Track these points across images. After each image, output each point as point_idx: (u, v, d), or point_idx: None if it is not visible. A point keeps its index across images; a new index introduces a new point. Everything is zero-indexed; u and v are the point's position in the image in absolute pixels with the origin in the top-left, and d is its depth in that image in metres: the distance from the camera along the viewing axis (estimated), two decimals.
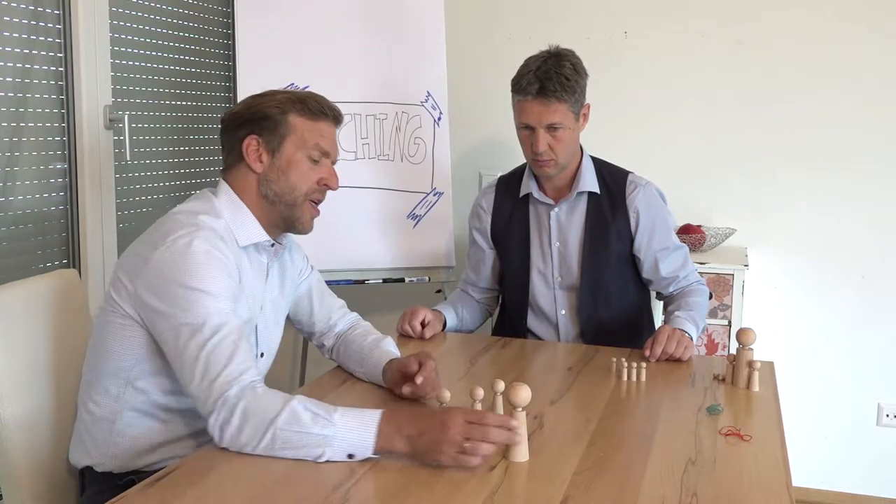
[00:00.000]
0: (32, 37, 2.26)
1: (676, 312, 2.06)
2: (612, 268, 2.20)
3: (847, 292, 2.99)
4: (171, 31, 2.76)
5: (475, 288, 2.39)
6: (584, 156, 2.21)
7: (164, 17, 2.73)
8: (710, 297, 2.46)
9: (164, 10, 2.73)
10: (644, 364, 1.80)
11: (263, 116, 1.58)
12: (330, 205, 1.72)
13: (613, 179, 2.21)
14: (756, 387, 1.72)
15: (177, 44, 2.80)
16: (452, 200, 2.94)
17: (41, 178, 2.32)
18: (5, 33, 2.18)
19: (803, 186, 2.99)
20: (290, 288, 1.76)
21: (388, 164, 2.87)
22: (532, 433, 1.45)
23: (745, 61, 2.99)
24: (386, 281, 2.88)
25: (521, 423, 1.34)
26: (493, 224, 2.30)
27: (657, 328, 2.01)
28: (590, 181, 2.18)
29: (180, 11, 2.80)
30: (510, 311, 2.33)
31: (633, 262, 2.24)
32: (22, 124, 2.25)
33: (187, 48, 2.85)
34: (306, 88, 2.75)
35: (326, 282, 1.90)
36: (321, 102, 1.62)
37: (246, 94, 2.72)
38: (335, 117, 1.64)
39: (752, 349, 1.75)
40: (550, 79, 2.01)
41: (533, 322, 2.28)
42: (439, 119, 2.92)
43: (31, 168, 2.29)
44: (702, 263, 2.69)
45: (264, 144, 1.58)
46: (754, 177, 3.03)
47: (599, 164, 2.23)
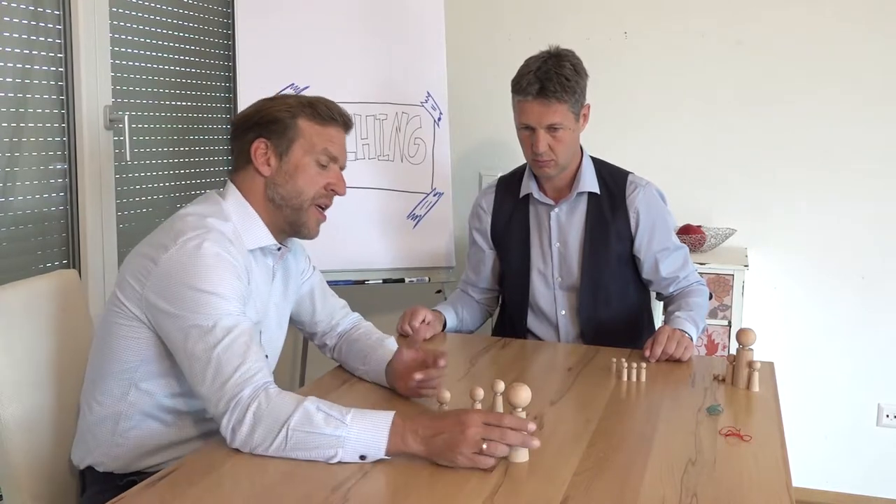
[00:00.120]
0: (32, 37, 2.26)
1: (676, 313, 2.07)
2: (612, 268, 2.20)
3: (847, 292, 2.99)
4: (171, 31, 2.76)
5: (475, 288, 2.39)
6: (584, 156, 2.21)
7: (164, 18, 2.73)
8: (710, 297, 2.46)
9: (164, 10, 2.73)
10: (644, 364, 1.80)
11: (273, 120, 1.58)
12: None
13: (613, 180, 2.21)
14: (756, 387, 1.72)
15: (177, 44, 2.80)
16: (452, 201, 2.95)
17: (41, 178, 2.32)
18: (5, 33, 2.18)
19: (803, 186, 2.99)
20: (293, 290, 1.77)
21: (388, 165, 2.87)
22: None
23: (745, 61, 2.99)
24: (386, 281, 2.88)
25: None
26: (494, 224, 2.30)
27: (657, 328, 2.01)
28: (590, 181, 2.18)
29: (180, 11, 2.80)
30: (510, 312, 2.33)
31: (633, 263, 2.24)
32: (22, 124, 2.25)
33: (187, 48, 2.85)
34: (306, 89, 2.77)
35: (326, 282, 1.90)
36: (331, 107, 1.62)
37: (246, 93, 2.78)
38: (345, 123, 1.64)
39: (752, 349, 1.75)
40: (551, 79, 2.01)
41: (533, 322, 2.28)
42: (439, 119, 2.92)
43: (32, 168, 2.29)
44: (702, 264, 2.69)
45: (273, 148, 1.58)
46: (754, 177, 3.03)
47: (599, 165, 2.23)
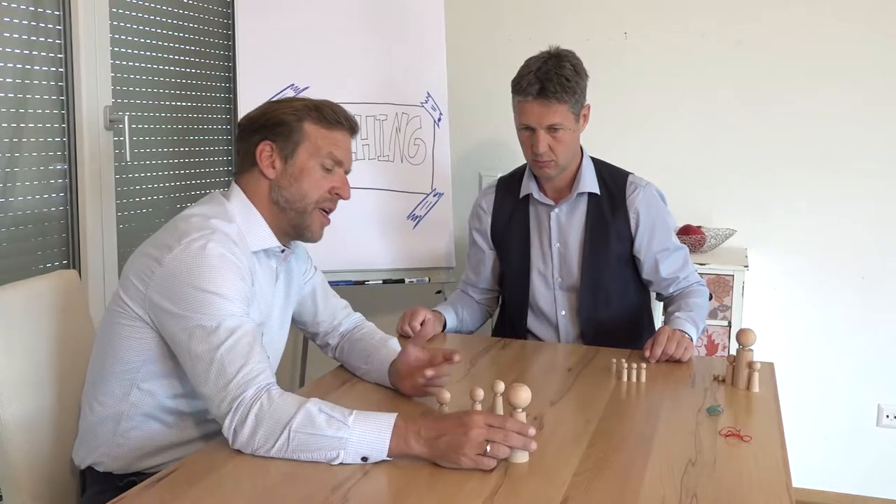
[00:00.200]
0: (32, 37, 2.26)
1: (676, 313, 2.07)
2: (612, 268, 2.20)
3: (847, 293, 2.99)
4: (171, 31, 2.77)
5: (475, 289, 2.39)
6: (584, 157, 2.21)
7: (163, 18, 2.73)
8: (710, 297, 2.46)
9: (164, 10, 2.73)
10: (644, 365, 1.80)
11: (278, 122, 1.58)
12: None
13: (613, 180, 2.21)
14: (756, 387, 1.72)
15: (177, 44, 2.80)
16: (452, 201, 2.95)
17: (41, 178, 2.32)
18: (5, 33, 2.18)
19: (803, 186, 2.99)
20: (295, 291, 1.77)
21: (388, 165, 2.87)
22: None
23: (745, 61, 2.99)
24: (386, 282, 2.88)
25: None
26: (494, 225, 2.30)
27: (657, 329, 2.00)
28: (590, 182, 2.18)
29: (180, 12, 2.80)
30: (510, 312, 2.33)
31: (633, 263, 2.24)
32: (22, 125, 2.25)
33: (187, 48, 2.85)
34: (306, 89, 2.77)
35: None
36: (337, 111, 1.62)
37: (246, 94, 2.78)
38: (351, 127, 1.64)
39: (752, 350, 1.75)
40: (551, 80, 2.01)
41: (533, 323, 2.28)
42: (439, 120, 2.92)
43: (32, 169, 2.29)
44: (702, 264, 2.69)
45: (278, 151, 1.58)
46: (754, 177, 3.03)
47: (599, 165, 2.23)
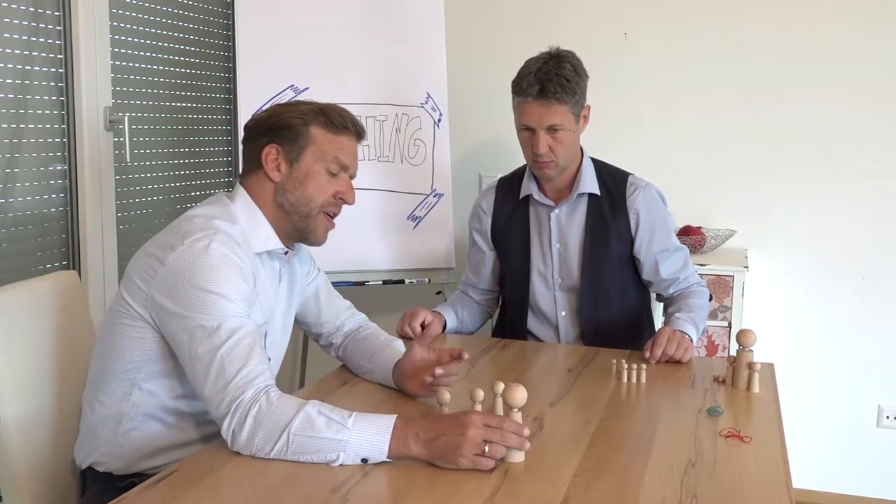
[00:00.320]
0: (32, 38, 2.26)
1: (676, 314, 2.06)
2: (612, 269, 2.20)
3: (847, 293, 2.99)
4: (171, 31, 2.77)
5: (475, 289, 2.39)
6: (584, 157, 2.20)
7: (163, 18, 2.73)
8: (711, 298, 2.46)
9: (164, 10, 2.73)
10: (644, 366, 1.79)
11: (285, 126, 1.58)
12: None
13: (613, 181, 2.21)
14: (756, 388, 1.72)
15: (177, 44, 2.80)
16: (452, 202, 2.94)
17: (41, 179, 2.32)
18: (5, 34, 2.18)
19: (803, 186, 2.99)
20: (298, 293, 1.77)
21: (388, 166, 2.87)
22: (532, 434, 1.45)
23: (745, 61, 2.99)
24: (386, 282, 2.88)
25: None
26: (494, 225, 2.30)
27: (657, 330, 2.00)
28: (590, 183, 2.18)
29: (180, 12, 2.80)
30: (510, 313, 2.33)
31: (634, 264, 2.24)
32: (22, 126, 2.25)
33: (187, 49, 2.85)
34: (306, 90, 2.77)
35: None
36: (344, 116, 1.62)
37: (246, 94, 2.78)
38: (357, 132, 1.64)
39: (752, 351, 1.75)
40: (551, 80, 2.01)
41: (533, 323, 2.28)
42: (439, 121, 2.92)
43: (32, 169, 2.29)
44: (702, 265, 2.69)
45: (284, 154, 1.58)
46: (754, 177, 3.03)
47: (599, 166, 2.23)
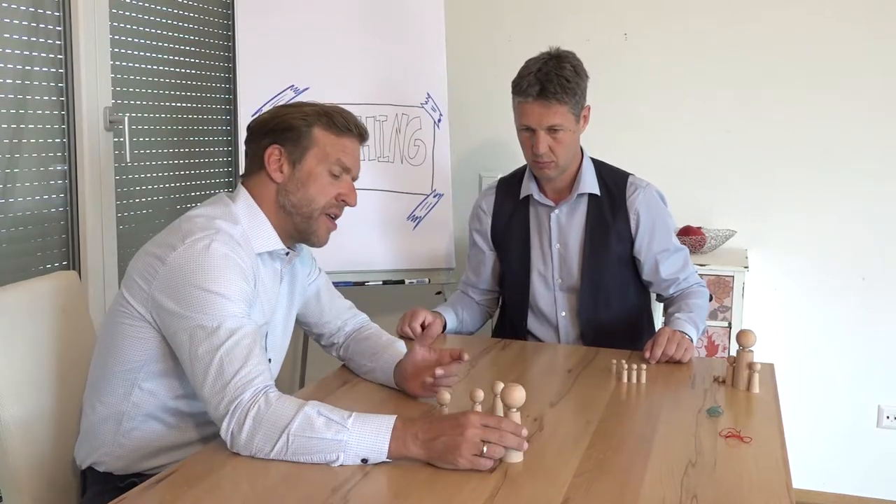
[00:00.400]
0: (32, 38, 2.26)
1: (676, 314, 2.06)
2: (612, 269, 2.20)
3: (847, 294, 2.99)
4: (171, 31, 2.77)
5: (475, 290, 2.39)
6: (584, 157, 2.20)
7: (163, 18, 2.73)
8: (711, 298, 2.46)
9: (164, 11, 2.73)
10: (644, 366, 1.79)
11: (288, 127, 1.58)
12: None
13: (614, 181, 2.21)
14: (756, 388, 1.72)
15: (177, 44, 2.80)
16: (452, 202, 2.94)
17: (41, 179, 2.32)
18: (5, 34, 2.18)
19: (803, 187, 2.99)
20: (299, 294, 1.77)
21: (388, 166, 2.87)
22: (532, 435, 1.45)
23: (745, 61, 2.99)
24: (386, 283, 2.87)
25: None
26: (494, 226, 2.30)
27: (657, 330, 2.00)
28: (590, 183, 2.18)
29: (180, 12, 2.80)
30: (510, 313, 2.33)
31: (634, 264, 2.24)
32: (22, 126, 2.25)
33: (187, 49, 2.85)
34: (306, 90, 2.77)
35: None
36: (347, 118, 1.62)
37: (246, 94, 2.78)
38: (360, 134, 1.64)
39: (752, 351, 1.75)
40: (551, 81, 2.01)
41: (533, 324, 2.28)
42: (439, 121, 2.92)
43: (32, 170, 2.29)
44: (702, 265, 2.69)
45: (286, 155, 1.58)
46: (754, 177, 3.03)
47: (599, 166, 2.23)
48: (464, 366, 1.72)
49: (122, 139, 2.46)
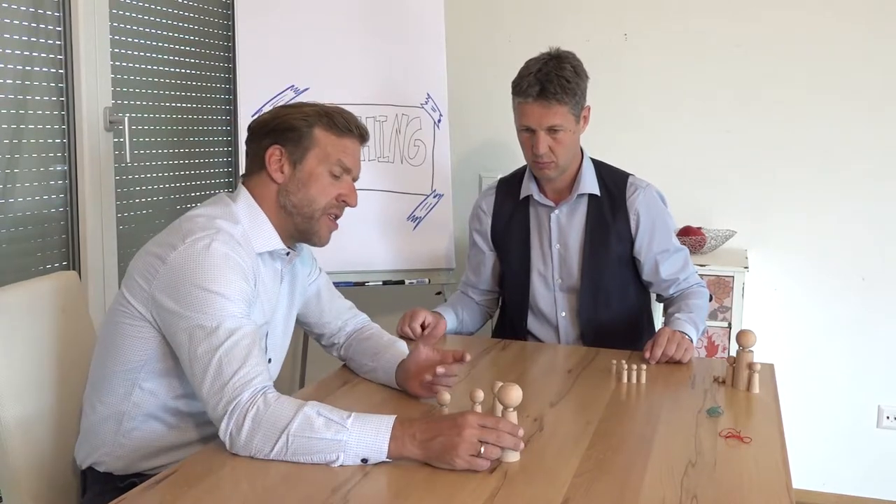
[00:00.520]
0: (32, 38, 2.26)
1: (676, 314, 2.06)
2: (612, 270, 2.20)
3: (847, 294, 2.99)
4: (171, 31, 2.76)
5: (475, 290, 2.39)
6: (584, 158, 2.21)
7: (163, 18, 2.73)
8: (711, 299, 2.46)
9: (164, 11, 2.73)
10: (644, 366, 1.79)
11: (289, 127, 1.58)
12: None
13: (614, 181, 2.21)
14: (756, 389, 1.72)
15: (177, 45, 2.80)
16: (452, 202, 2.94)
17: (41, 179, 2.32)
18: (5, 34, 2.18)
19: (803, 187, 2.99)
20: (299, 294, 1.77)
21: (388, 167, 2.87)
22: (532, 435, 1.45)
23: (745, 61, 2.99)
24: (386, 283, 2.87)
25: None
26: (494, 226, 2.30)
27: (657, 330, 2.00)
28: (590, 183, 2.18)
29: (180, 13, 2.80)
30: (510, 313, 2.33)
31: (634, 264, 2.24)
32: (22, 126, 2.25)
33: (187, 49, 2.85)
34: (306, 90, 2.77)
35: None
36: (348, 119, 1.62)
37: (246, 94, 2.78)
38: (361, 135, 1.64)
39: (752, 351, 1.75)
40: (551, 81, 2.01)
41: (533, 324, 2.28)
42: (439, 121, 2.92)
43: (32, 170, 2.29)
44: (702, 265, 2.69)
45: (287, 155, 1.58)
46: (754, 177, 3.03)
47: (599, 166, 2.23)
48: (464, 366, 1.72)
49: (122, 139, 2.46)
